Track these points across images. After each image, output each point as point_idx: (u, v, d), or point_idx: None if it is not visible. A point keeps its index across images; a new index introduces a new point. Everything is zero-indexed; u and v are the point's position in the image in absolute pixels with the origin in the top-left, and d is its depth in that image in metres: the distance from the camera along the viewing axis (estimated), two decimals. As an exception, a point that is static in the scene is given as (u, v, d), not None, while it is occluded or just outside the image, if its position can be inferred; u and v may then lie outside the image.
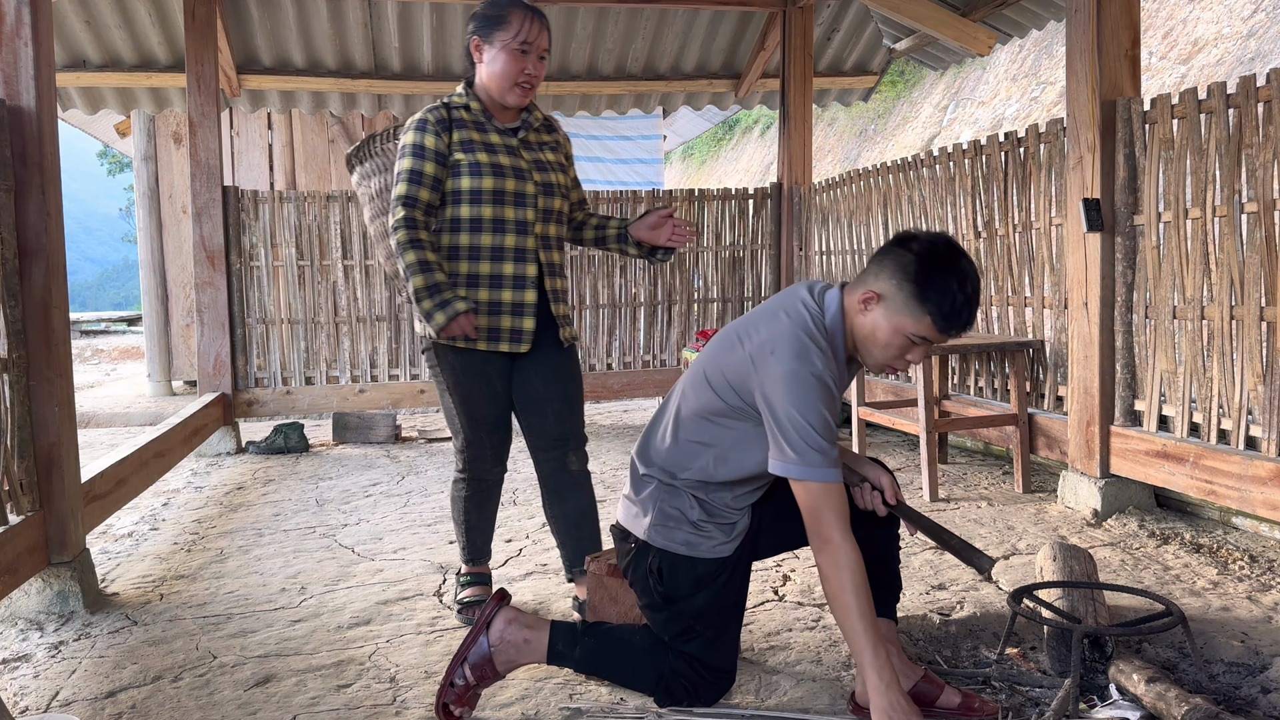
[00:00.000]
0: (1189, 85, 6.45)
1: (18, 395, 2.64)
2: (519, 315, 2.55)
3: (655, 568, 2.09)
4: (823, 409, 1.87)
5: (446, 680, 2.05)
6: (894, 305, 1.90)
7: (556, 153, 2.67)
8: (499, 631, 2.10)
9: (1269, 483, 2.88)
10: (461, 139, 2.51)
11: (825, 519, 1.87)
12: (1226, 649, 2.28)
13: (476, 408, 2.60)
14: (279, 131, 8.38)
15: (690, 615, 2.08)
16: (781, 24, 6.17)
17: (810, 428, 1.85)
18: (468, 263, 2.53)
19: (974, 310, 1.90)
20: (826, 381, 1.88)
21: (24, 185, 2.68)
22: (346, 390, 5.71)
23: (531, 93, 2.53)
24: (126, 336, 13.18)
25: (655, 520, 2.09)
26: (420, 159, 2.48)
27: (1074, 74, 3.55)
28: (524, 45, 2.46)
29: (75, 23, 5.77)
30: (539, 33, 2.48)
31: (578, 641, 2.11)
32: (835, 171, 12.03)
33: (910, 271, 1.89)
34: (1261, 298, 2.96)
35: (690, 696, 2.07)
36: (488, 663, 2.07)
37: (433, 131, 2.49)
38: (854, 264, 5.53)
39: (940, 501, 3.82)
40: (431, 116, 2.51)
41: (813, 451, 1.85)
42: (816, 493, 1.87)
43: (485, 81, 2.54)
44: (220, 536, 3.62)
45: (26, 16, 2.68)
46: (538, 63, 2.50)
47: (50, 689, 2.29)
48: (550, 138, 2.68)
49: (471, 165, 2.50)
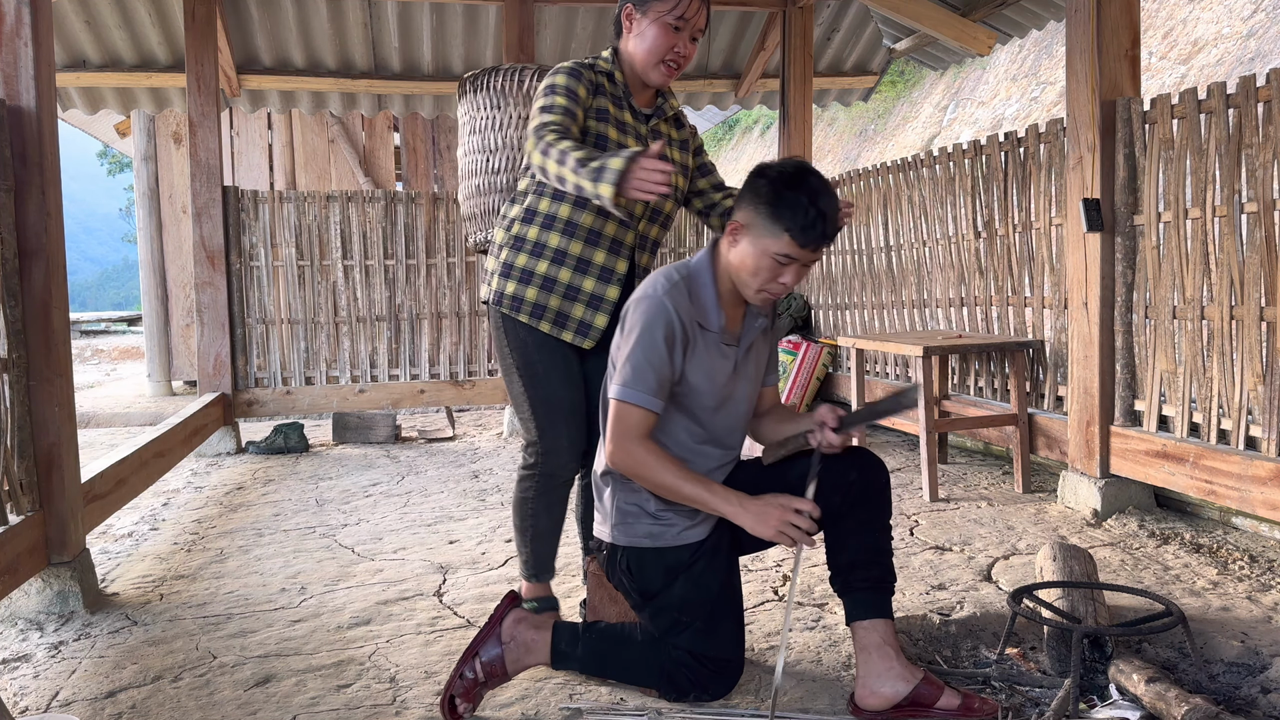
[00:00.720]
0: (1189, 85, 6.45)
1: (18, 395, 2.64)
2: (594, 308, 2.37)
3: (625, 566, 2.12)
4: (650, 349, 1.99)
5: (456, 672, 2.06)
6: (755, 230, 1.99)
7: (683, 153, 2.50)
8: (510, 629, 2.11)
9: (1269, 483, 2.88)
10: (599, 107, 2.35)
11: (623, 429, 2.01)
12: (1226, 649, 2.28)
13: (552, 389, 2.38)
14: (279, 131, 8.38)
15: (673, 607, 2.08)
16: (781, 24, 6.17)
17: (628, 362, 2.01)
18: (559, 236, 2.34)
19: (830, 224, 1.97)
20: (663, 327, 2.00)
21: (24, 185, 2.68)
22: (346, 390, 5.71)
23: (677, 73, 2.37)
24: (126, 336, 13.19)
25: (615, 520, 2.12)
26: (574, 101, 2.29)
27: (1074, 74, 3.55)
28: (679, 20, 2.30)
29: (75, 23, 5.78)
30: (697, 10, 2.31)
31: (579, 640, 2.12)
32: (835, 171, 12.02)
33: (764, 195, 1.98)
34: (1261, 298, 2.96)
35: (697, 689, 2.07)
36: (499, 660, 2.08)
37: (585, 85, 2.32)
38: (854, 264, 5.53)
39: (940, 501, 3.82)
40: (584, 73, 2.34)
41: (628, 378, 2.01)
42: (617, 408, 2.02)
43: (631, 53, 2.37)
44: (220, 536, 3.62)
45: (26, 16, 2.68)
46: (689, 43, 2.34)
47: (50, 689, 2.29)
48: (679, 135, 2.51)
49: (599, 138, 2.33)
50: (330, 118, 8.37)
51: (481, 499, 4.11)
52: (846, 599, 2.09)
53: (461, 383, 5.86)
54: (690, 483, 2.00)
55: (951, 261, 4.61)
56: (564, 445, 2.41)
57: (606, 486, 2.15)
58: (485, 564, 3.17)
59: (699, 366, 2.06)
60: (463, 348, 5.90)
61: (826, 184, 1.99)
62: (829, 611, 2.63)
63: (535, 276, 2.35)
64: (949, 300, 4.66)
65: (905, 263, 5.03)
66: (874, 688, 2.01)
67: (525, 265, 2.36)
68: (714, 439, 2.15)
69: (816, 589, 2.82)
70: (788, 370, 5.49)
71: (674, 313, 2.01)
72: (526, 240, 2.37)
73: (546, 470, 2.44)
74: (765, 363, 2.25)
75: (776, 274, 2.00)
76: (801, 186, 1.96)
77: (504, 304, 2.38)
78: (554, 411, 2.39)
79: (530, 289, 2.35)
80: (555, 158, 2.09)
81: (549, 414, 2.40)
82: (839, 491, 2.08)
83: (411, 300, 5.80)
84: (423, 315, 5.82)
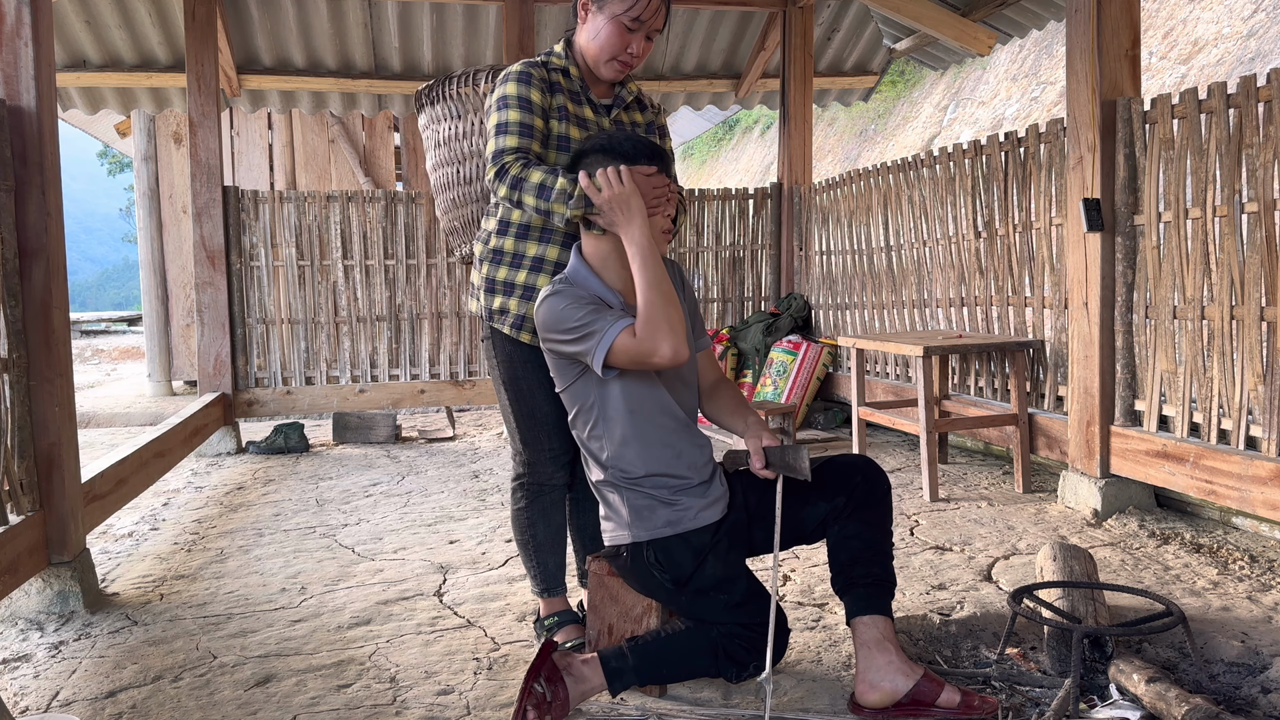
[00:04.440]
0: (1189, 85, 6.45)
1: (18, 395, 2.64)
2: None
3: (653, 559, 2.10)
4: (574, 311, 2.04)
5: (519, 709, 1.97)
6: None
7: (651, 132, 2.46)
8: (561, 660, 2.05)
9: (1269, 483, 2.88)
10: (558, 105, 2.30)
11: (647, 349, 1.99)
12: (1226, 649, 2.28)
13: (535, 404, 2.36)
14: (279, 131, 8.38)
15: (710, 587, 2.08)
16: (781, 24, 6.17)
17: (569, 334, 2.05)
18: (536, 244, 2.31)
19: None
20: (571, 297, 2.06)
21: (24, 185, 2.68)
22: (346, 390, 5.71)
23: (629, 70, 2.32)
24: (126, 336, 13.19)
25: (632, 518, 2.11)
26: (529, 112, 2.25)
27: (1074, 74, 3.55)
28: (634, 21, 2.24)
29: (75, 23, 5.78)
30: (655, 11, 2.25)
31: (628, 654, 2.08)
32: (835, 171, 12.03)
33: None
34: (1262, 298, 2.96)
35: (755, 655, 2.06)
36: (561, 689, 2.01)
37: (538, 87, 2.27)
38: (854, 264, 5.53)
39: (940, 501, 3.82)
40: (535, 72, 2.29)
41: (588, 339, 2.03)
42: (618, 348, 2.01)
43: (583, 46, 2.33)
44: (220, 536, 3.62)
45: (26, 16, 2.68)
46: (644, 41, 2.28)
47: (50, 689, 2.29)
48: (642, 119, 2.46)
49: (560, 139, 2.30)
50: (330, 118, 8.37)
51: (482, 499, 4.11)
52: (847, 596, 2.10)
53: (461, 383, 5.86)
54: (653, 286, 2.03)
55: (952, 261, 4.61)
56: (546, 457, 2.40)
57: (612, 492, 2.14)
58: (485, 564, 3.17)
59: None
60: (463, 348, 5.90)
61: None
62: (829, 611, 2.63)
63: (516, 288, 2.32)
64: (949, 300, 4.66)
65: (905, 263, 5.03)
66: (874, 682, 2.01)
67: (505, 278, 2.33)
68: (683, 405, 2.18)
69: (817, 589, 2.82)
70: (788, 370, 5.49)
71: (573, 291, 2.09)
72: (504, 253, 2.34)
73: (534, 480, 2.44)
74: (690, 327, 2.25)
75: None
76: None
77: (490, 318, 2.37)
78: (537, 425, 2.38)
79: (512, 300, 2.33)
80: (534, 185, 2.14)
81: (531, 428, 2.39)
82: (843, 492, 2.10)
83: (412, 300, 5.80)
84: (423, 315, 5.82)
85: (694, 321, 2.29)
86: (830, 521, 2.12)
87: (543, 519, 2.46)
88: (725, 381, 2.35)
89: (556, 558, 2.48)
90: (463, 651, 2.44)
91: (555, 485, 2.45)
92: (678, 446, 2.12)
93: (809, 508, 2.13)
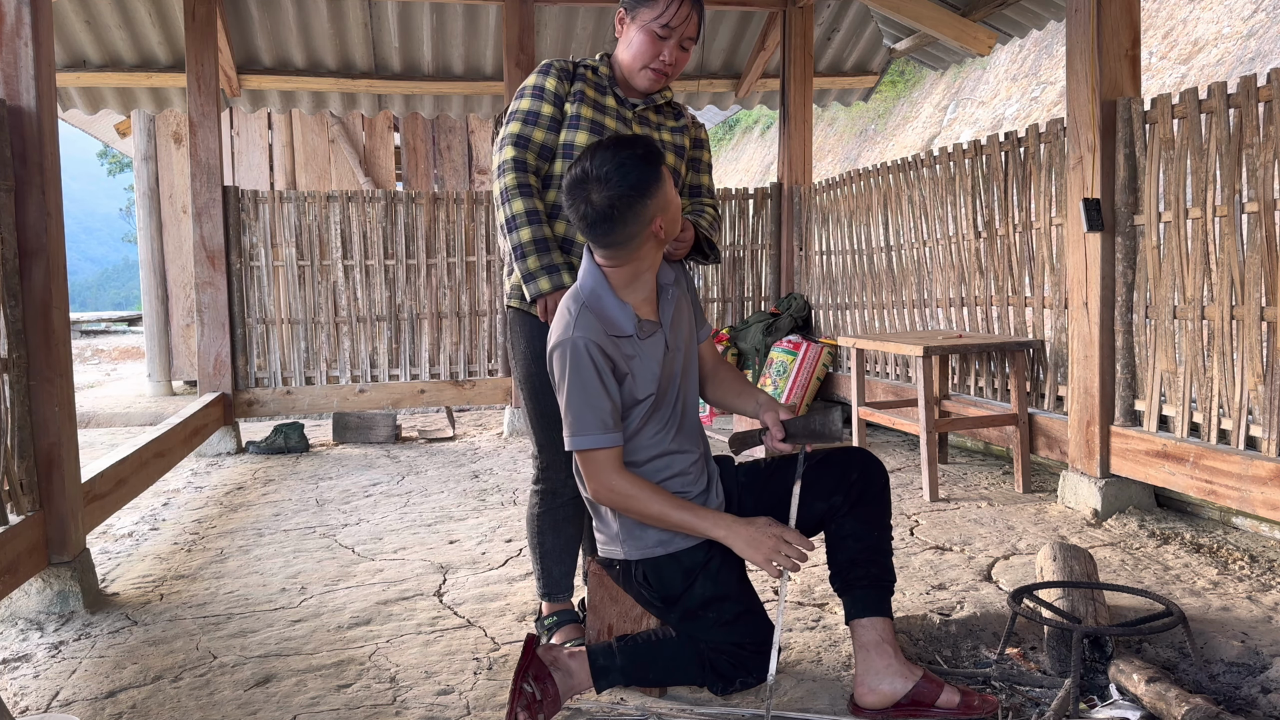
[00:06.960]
0: (1189, 85, 6.45)
1: (18, 395, 2.64)
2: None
3: (642, 578, 2.11)
4: (583, 391, 2.00)
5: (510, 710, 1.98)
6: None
7: (678, 136, 2.45)
8: (547, 653, 2.06)
9: (1269, 483, 2.88)
10: (576, 90, 2.34)
11: (594, 470, 2.03)
12: (1226, 649, 2.28)
13: (549, 404, 2.30)
14: (279, 131, 8.38)
15: (698, 607, 2.09)
16: (781, 24, 6.17)
17: (569, 412, 2.03)
18: (566, 224, 2.31)
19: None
20: (587, 365, 1.99)
21: (24, 185, 2.68)
22: (346, 390, 5.71)
23: (664, 80, 2.35)
24: (126, 336, 13.19)
25: (623, 536, 2.11)
26: (539, 99, 2.31)
27: (1074, 74, 3.55)
28: (665, 29, 2.26)
29: (75, 23, 5.78)
30: (686, 17, 2.28)
31: (616, 653, 2.09)
32: (835, 171, 12.03)
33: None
34: (1262, 298, 2.96)
35: (741, 672, 2.07)
36: (549, 684, 2.01)
37: (555, 75, 2.33)
38: (854, 264, 5.53)
39: (940, 501, 3.82)
40: (556, 63, 2.35)
41: (576, 427, 2.02)
42: (580, 457, 2.05)
43: (620, 57, 2.37)
44: (220, 536, 3.62)
45: (26, 16, 2.68)
46: (677, 50, 2.31)
47: (50, 689, 2.29)
48: (675, 121, 2.47)
49: (573, 117, 2.31)
50: (330, 118, 8.37)
51: (482, 499, 4.11)
52: (846, 597, 2.10)
53: (461, 383, 5.86)
54: (678, 509, 2.01)
55: (952, 261, 4.61)
56: (561, 460, 2.36)
57: (604, 506, 2.14)
58: (485, 564, 3.17)
59: (637, 371, 2.05)
60: (463, 348, 5.90)
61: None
62: (829, 611, 2.63)
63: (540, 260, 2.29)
64: (949, 300, 4.66)
65: (905, 262, 5.03)
66: (873, 685, 2.01)
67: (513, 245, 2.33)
68: (677, 424, 2.14)
69: (817, 589, 2.82)
70: (788, 370, 5.49)
71: (589, 346, 1.99)
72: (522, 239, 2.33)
73: (548, 487, 2.41)
74: (693, 319, 2.25)
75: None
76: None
77: (512, 297, 2.36)
78: (551, 427, 2.34)
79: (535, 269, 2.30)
80: (510, 215, 2.23)
81: (545, 429, 2.36)
82: (839, 491, 2.09)
83: (411, 300, 5.80)
84: (423, 315, 5.82)
85: (695, 312, 2.29)
86: (828, 520, 2.12)
87: (553, 530, 2.43)
88: (725, 364, 2.34)
89: (563, 566, 2.46)
90: (463, 651, 2.44)
91: (569, 496, 2.41)
92: (672, 466, 2.12)
93: (805, 509, 2.13)
